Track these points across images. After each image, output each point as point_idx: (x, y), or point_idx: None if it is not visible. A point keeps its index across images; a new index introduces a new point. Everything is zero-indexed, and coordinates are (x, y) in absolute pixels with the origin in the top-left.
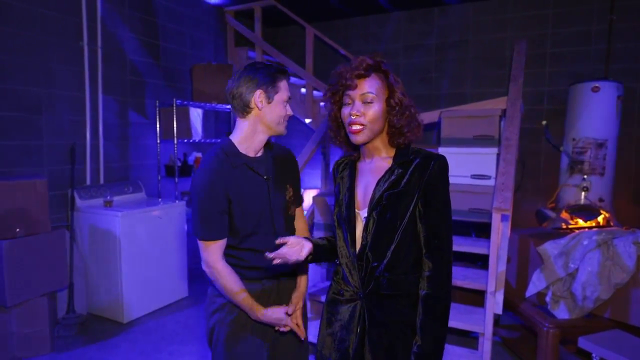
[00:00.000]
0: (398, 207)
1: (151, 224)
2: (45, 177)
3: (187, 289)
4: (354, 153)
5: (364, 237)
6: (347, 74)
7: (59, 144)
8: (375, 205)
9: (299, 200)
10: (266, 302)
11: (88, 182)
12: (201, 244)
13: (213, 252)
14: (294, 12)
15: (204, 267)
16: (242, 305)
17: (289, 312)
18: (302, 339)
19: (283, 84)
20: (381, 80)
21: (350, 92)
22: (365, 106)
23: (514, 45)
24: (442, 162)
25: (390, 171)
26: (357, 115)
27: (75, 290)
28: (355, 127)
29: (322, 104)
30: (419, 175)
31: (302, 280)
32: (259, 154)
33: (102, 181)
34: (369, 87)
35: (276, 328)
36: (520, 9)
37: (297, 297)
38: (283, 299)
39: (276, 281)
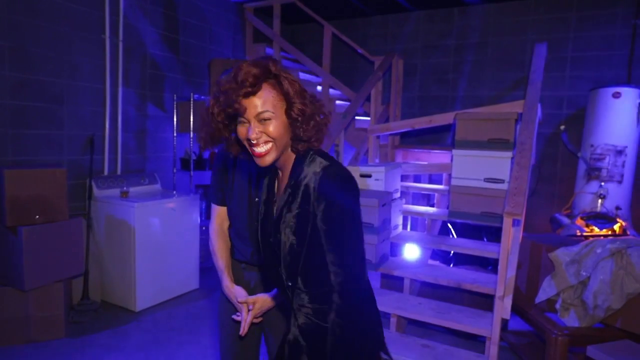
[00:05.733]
0: (296, 229)
1: (165, 215)
2: (65, 166)
3: (198, 281)
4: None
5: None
6: (232, 96)
7: (78, 134)
8: (278, 223)
9: None
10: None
11: (106, 172)
12: (211, 205)
13: (212, 214)
14: (313, 10)
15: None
16: (217, 269)
17: (241, 300)
18: (241, 333)
19: None
20: (274, 89)
21: (244, 115)
22: (264, 124)
23: (534, 48)
24: (330, 174)
25: (284, 192)
26: (257, 138)
27: (90, 278)
28: (260, 150)
29: (338, 102)
30: (309, 194)
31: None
32: None
33: (119, 172)
34: (262, 104)
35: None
36: (542, 11)
37: (263, 300)
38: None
39: (257, 274)
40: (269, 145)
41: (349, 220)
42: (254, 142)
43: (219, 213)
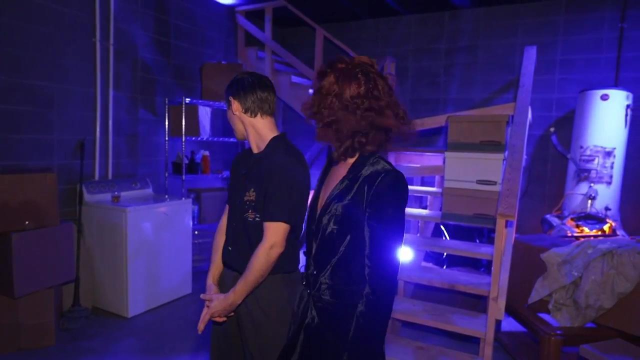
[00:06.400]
0: (342, 221)
1: (158, 220)
2: (55, 171)
3: (191, 286)
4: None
5: (315, 244)
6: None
7: (69, 138)
8: (323, 213)
9: (269, 214)
10: (224, 289)
11: (97, 177)
12: None
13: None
14: (305, 13)
15: None
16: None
17: (202, 296)
18: (198, 329)
19: None
20: None
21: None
22: None
23: (524, 51)
24: (391, 179)
25: (341, 181)
26: None
27: (81, 284)
28: None
29: None
30: (365, 191)
31: (234, 288)
32: (260, 152)
33: (110, 176)
34: None
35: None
36: (531, 15)
37: (218, 300)
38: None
39: (236, 274)
40: None
41: (396, 223)
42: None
43: (226, 212)
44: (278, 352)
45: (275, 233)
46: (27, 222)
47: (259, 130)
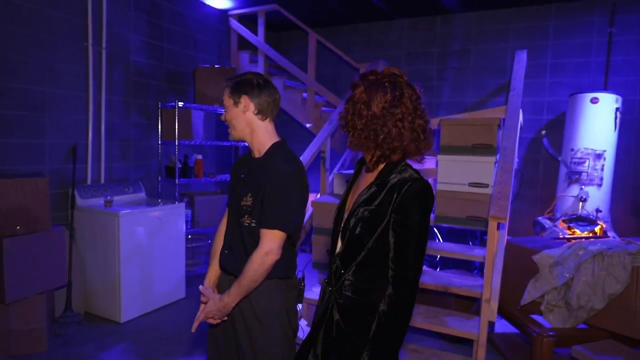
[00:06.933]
0: (368, 223)
1: (150, 224)
2: (47, 175)
3: (185, 290)
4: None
5: (342, 243)
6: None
7: (61, 143)
8: (351, 215)
9: (265, 221)
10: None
11: (89, 181)
12: None
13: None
14: (298, 17)
15: None
16: None
17: (201, 288)
18: (192, 329)
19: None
20: None
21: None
22: None
23: (515, 55)
24: (417, 187)
25: (368, 187)
26: None
27: (74, 289)
28: None
29: (323, 108)
30: (392, 197)
31: (229, 290)
32: (260, 156)
33: (103, 181)
34: None
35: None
36: (522, 19)
37: (213, 299)
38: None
39: (232, 278)
40: None
41: (421, 231)
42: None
43: (226, 215)
44: (271, 356)
45: (271, 240)
46: (18, 227)
47: (262, 134)
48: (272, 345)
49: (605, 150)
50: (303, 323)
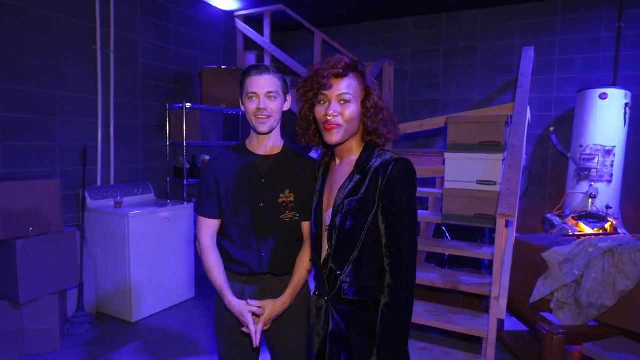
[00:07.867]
0: (358, 214)
1: (160, 225)
2: (58, 177)
3: (194, 290)
4: (329, 153)
5: (328, 245)
6: (324, 73)
7: (71, 145)
8: (336, 212)
9: (309, 214)
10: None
11: (99, 183)
12: (197, 219)
13: (202, 228)
14: (303, 17)
15: (196, 241)
16: (215, 285)
17: (254, 311)
18: (254, 345)
19: (249, 81)
20: (358, 81)
21: (327, 92)
22: (342, 106)
23: (522, 52)
24: (401, 166)
25: (349, 177)
26: (334, 116)
27: (85, 289)
28: (331, 127)
29: None
30: (378, 181)
31: (288, 291)
32: (272, 154)
33: (112, 182)
34: (347, 87)
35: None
36: (529, 15)
37: (273, 305)
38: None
39: (260, 287)
40: (339, 127)
41: (411, 211)
42: (330, 119)
43: (211, 226)
44: (295, 346)
45: None
46: (31, 229)
47: (278, 132)
48: (295, 330)
49: (614, 146)
50: None
